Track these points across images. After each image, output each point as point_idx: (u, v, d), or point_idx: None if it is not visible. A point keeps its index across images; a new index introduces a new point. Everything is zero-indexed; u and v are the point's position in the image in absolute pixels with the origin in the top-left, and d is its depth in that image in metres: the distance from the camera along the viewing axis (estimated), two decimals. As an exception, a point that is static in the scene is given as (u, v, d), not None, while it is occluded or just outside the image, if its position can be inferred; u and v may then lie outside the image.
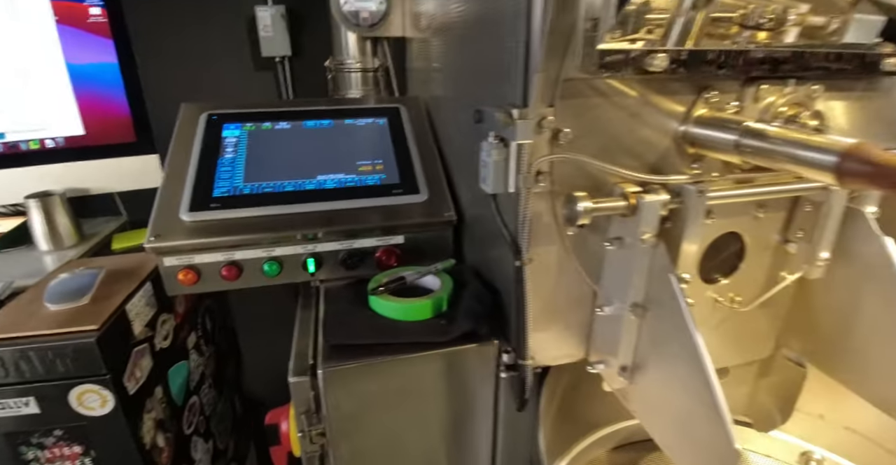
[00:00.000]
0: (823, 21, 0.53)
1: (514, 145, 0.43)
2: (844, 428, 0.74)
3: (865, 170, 0.32)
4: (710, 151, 0.46)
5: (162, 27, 1.61)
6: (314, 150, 0.74)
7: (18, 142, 0.78)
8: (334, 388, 0.52)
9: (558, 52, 0.41)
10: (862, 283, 0.54)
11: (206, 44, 1.73)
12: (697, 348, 0.42)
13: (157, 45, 1.56)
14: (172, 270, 0.63)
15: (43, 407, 0.57)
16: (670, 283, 0.44)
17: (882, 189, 0.32)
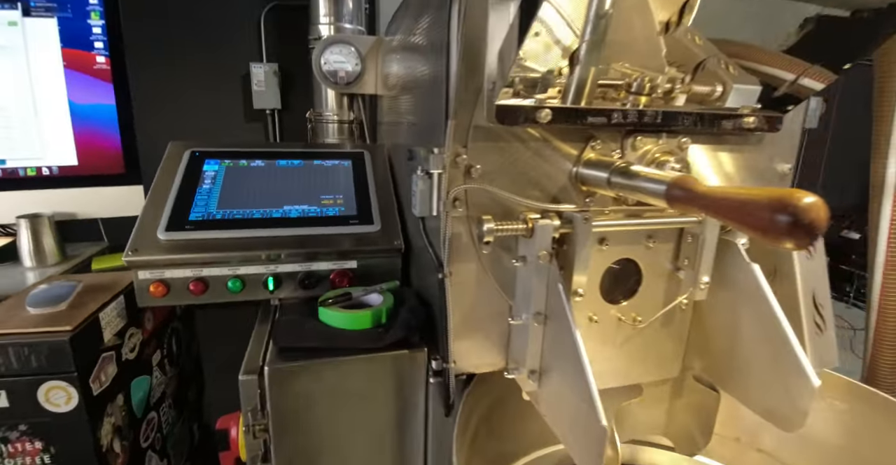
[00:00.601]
0: (708, 90, 0.67)
1: (436, 175, 0.54)
2: (757, 450, 0.81)
3: (683, 195, 0.43)
4: (593, 187, 0.57)
5: (163, 76, 1.76)
6: (283, 184, 0.84)
7: (17, 168, 0.88)
8: (278, 386, 0.59)
9: (470, 106, 0.53)
10: (739, 305, 0.64)
11: (203, 94, 1.89)
12: (578, 348, 0.50)
13: (157, 92, 1.70)
14: (145, 283, 0.71)
15: (12, 401, 0.62)
16: (560, 295, 0.53)
17: (698, 211, 0.42)
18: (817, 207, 0.33)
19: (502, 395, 0.74)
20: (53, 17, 0.83)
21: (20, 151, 0.87)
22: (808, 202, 0.33)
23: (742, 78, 0.67)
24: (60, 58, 0.85)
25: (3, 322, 0.63)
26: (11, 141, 0.86)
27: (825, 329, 0.66)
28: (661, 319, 0.68)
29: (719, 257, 0.64)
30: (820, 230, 0.33)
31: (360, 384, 0.61)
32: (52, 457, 0.66)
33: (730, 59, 0.65)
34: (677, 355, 0.72)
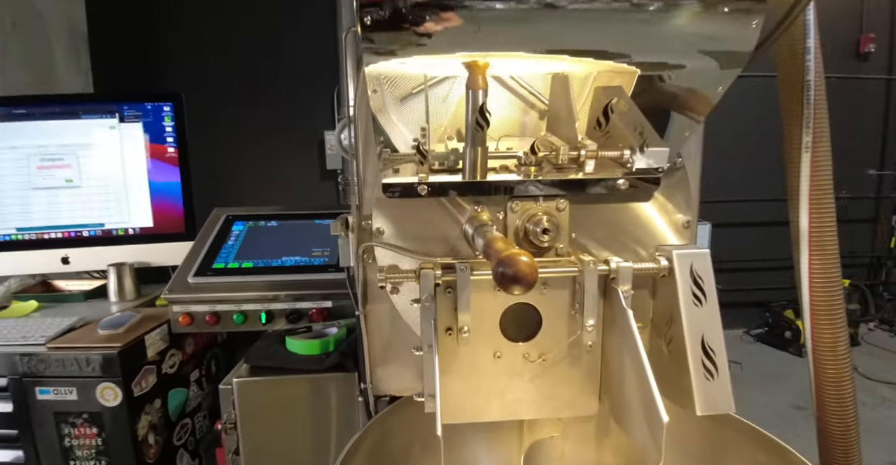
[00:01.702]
0: (617, 154, 0.77)
1: (351, 236, 0.71)
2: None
3: (502, 272, 0.54)
4: (470, 242, 0.71)
5: (253, 145, 2.21)
6: (286, 240, 1.07)
7: (111, 229, 1.21)
8: (243, 394, 0.78)
9: (372, 186, 0.71)
10: (622, 347, 0.71)
11: (285, 161, 2.33)
12: (434, 376, 0.63)
13: (243, 163, 2.13)
14: (177, 314, 0.96)
15: (79, 394, 0.88)
16: (433, 330, 0.67)
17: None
18: (516, 262, 0.45)
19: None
20: (140, 122, 1.17)
21: (114, 217, 1.20)
22: (509, 259, 0.45)
23: (652, 141, 0.76)
24: (144, 150, 1.18)
25: (79, 339, 0.91)
26: (109, 210, 1.20)
27: (717, 375, 0.70)
28: (569, 358, 0.77)
29: (608, 302, 0.72)
30: (520, 280, 0.45)
31: (304, 397, 0.78)
32: (103, 441, 0.90)
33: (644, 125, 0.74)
34: (591, 393, 0.79)
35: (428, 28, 0.53)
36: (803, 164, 0.71)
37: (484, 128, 0.61)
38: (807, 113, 0.70)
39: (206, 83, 2.74)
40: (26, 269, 1.22)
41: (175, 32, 2.81)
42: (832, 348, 0.74)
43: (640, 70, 0.60)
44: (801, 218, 0.74)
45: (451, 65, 0.60)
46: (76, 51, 2.74)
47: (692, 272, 0.72)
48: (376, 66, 0.55)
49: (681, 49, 0.56)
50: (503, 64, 0.63)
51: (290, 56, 2.79)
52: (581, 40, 0.57)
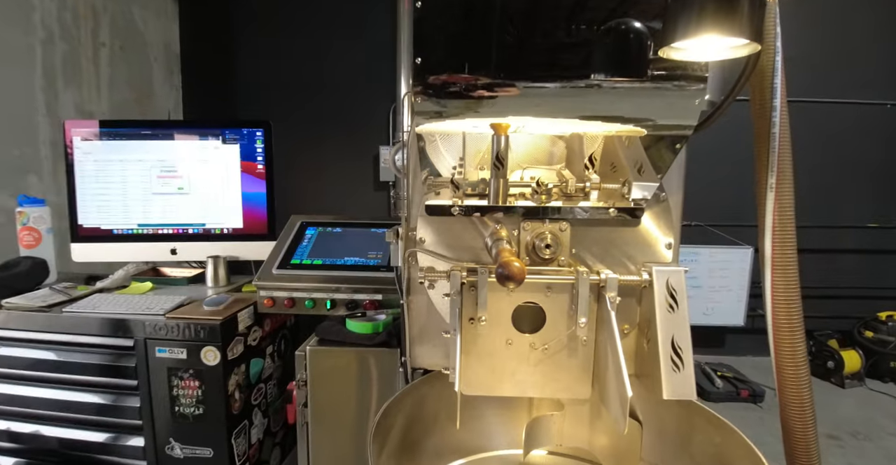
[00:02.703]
0: (617, 186, 0.95)
1: (399, 242, 0.94)
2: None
3: (500, 272, 0.74)
4: (489, 252, 0.91)
5: (313, 162, 2.51)
6: (348, 243, 1.31)
7: (211, 228, 1.50)
8: (313, 359, 1.01)
9: (418, 206, 0.93)
10: (606, 341, 0.89)
11: (343, 171, 2.63)
12: (457, 351, 0.83)
13: (309, 173, 2.43)
14: (262, 298, 1.21)
15: (188, 355, 1.15)
16: (459, 318, 0.87)
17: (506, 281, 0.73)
18: (509, 266, 0.65)
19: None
20: (237, 143, 1.46)
21: (213, 219, 1.50)
22: (505, 264, 0.66)
23: (647, 175, 0.93)
24: (239, 166, 1.47)
25: (189, 312, 1.18)
26: (210, 213, 1.49)
27: (683, 368, 0.86)
28: (567, 349, 0.95)
29: (600, 306, 0.90)
30: (512, 278, 0.65)
31: (358, 365, 1.01)
32: (202, 392, 1.16)
33: (644, 161, 0.92)
34: (585, 379, 0.96)
35: (479, 102, 0.74)
36: (768, 201, 0.87)
37: (501, 168, 0.82)
38: (772, 159, 0.85)
39: (278, 102, 3.10)
40: (142, 257, 1.53)
41: (253, 52, 3.19)
42: (791, 357, 0.89)
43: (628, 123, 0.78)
44: (766, 246, 0.89)
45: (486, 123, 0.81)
46: (170, 69, 3.16)
47: (667, 285, 0.90)
48: (426, 126, 0.77)
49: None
50: (532, 123, 0.81)
51: (351, 76, 3.10)
52: (612, 109, 0.75)
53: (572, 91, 0.71)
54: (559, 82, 0.73)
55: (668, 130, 0.73)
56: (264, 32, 3.15)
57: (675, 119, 0.71)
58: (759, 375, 3.06)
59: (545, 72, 0.71)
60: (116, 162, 1.48)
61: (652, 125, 0.74)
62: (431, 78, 0.69)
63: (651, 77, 0.70)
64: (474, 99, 0.72)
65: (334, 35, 3.12)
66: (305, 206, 2.97)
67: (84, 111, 2.51)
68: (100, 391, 1.23)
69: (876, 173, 3.24)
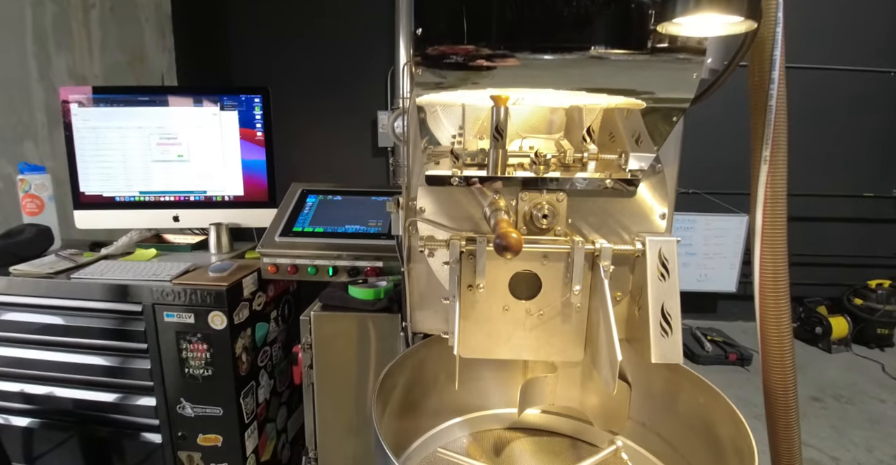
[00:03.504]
0: (615, 157, 0.96)
1: (400, 211, 0.96)
2: (655, 433, 1.05)
3: (498, 242, 0.76)
4: (487, 222, 0.93)
5: (310, 126, 2.49)
6: (349, 211, 1.33)
7: (212, 196, 1.52)
8: (317, 323, 1.05)
9: (418, 176, 0.94)
10: (598, 308, 0.92)
11: (341, 137, 2.60)
12: (455, 316, 0.87)
13: (306, 138, 2.42)
14: (266, 265, 1.24)
15: (195, 319, 1.19)
16: (457, 285, 0.90)
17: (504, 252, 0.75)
18: (507, 237, 0.68)
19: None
20: (235, 110, 1.46)
21: (214, 186, 1.51)
22: (503, 235, 0.68)
23: (644, 146, 0.94)
24: (238, 133, 1.47)
25: (195, 278, 1.21)
26: (211, 180, 1.50)
27: (671, 333, 0.90)
28: (561, 314, 0.98)
29: (594, 274, 0.93)
30: (509, 249, 0.67)
31: (361, 330, 1.05)
32: (210, 355, 1.21)
33: (642, 132, 0.93)
34: (578, 343, 1.00)
35: (479, 73, 0.74)
36: (762, 174, 0.88)
37: (500, 139, 0.83)
38: (767, 132, 0.86)
39: (274, 64, 3.03)
40: (145, 224, 1.55)
41: (247, 11, 3.10)
42: (776, 323, 0.92)
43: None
44: (757, 218, 0.91)
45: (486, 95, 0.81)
46: (161, 30, 3.07)
47: (660, 255, 0.92)
48: (425, 97, 0.77)
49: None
50: (532, 95, 0.82)
51: (348, 39, 3.03)
52: (611, 81, 0.75)
53: (571, 63, 0.71)
54: (558, 54, 0.73)
55: (666, 102, 0.74)
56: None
57: (673, 92, 0.72)
58: (748, 339, 3.16)
59: (545, 43, 0.71)
60: (115, 129, 1.48)
61: (650, 98, 0.75)
62: (431, 49, 0.69)
63: (650, 49, 0.71)
64: (474, 70, 0.72)
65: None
66: (305, 171, 2.97)
67: (77, 75, 2.47)
68: (110, 354, 1.27)
69: (872, 142, 3.23)
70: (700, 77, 0.67)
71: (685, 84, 0.69)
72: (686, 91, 0.71)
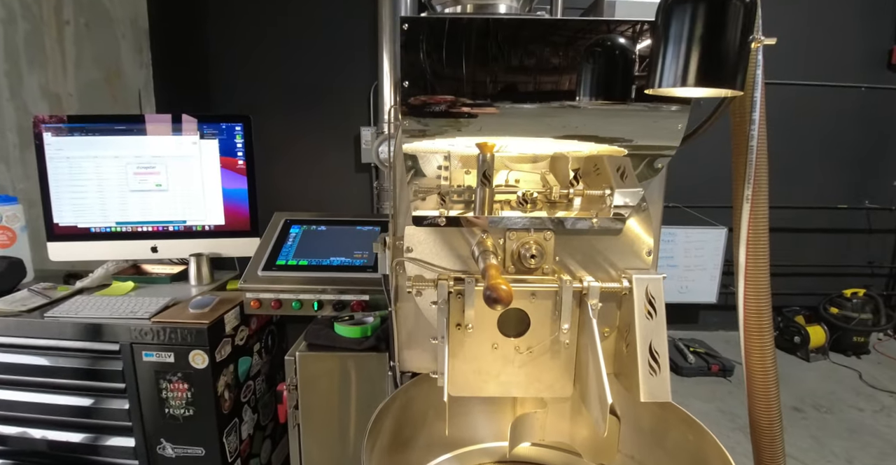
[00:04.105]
0: (600, 193, 0.96)
1: (387, 251, 0.94)
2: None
3: (488, 294, 0.75)
4: (476, 262, 0.93)
5: (292, 142, 2.46)
6: (333, 243, 1.31)
7: (192, 226, 1.48)
8: (302, 364, 1.03)
9: (404, 215, 0.93)
10: (587, 346, 0.92)
11: (323, 153, 2.58)
12: (444, 357, 0.86)
13: (288, 153, 2.39)
14: (248, 300, 1.22)
15: (176, 358, 1.15)
16: (446, 326, 0.89)
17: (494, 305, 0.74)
18: (497, 289, 0.67)
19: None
20: (216, 139, 1.43)
21: (194, 215, 1.48)
22: (493, 287, 0.67)
23: (629, 182, 0.95)
24: (218, 162, 1.44)
25: (175, 316, 1.18)
26: (191, 209, 1.47)
27: (659, 371, 0.90)
28: (550, 352, 0.98)
29: (582, 311, 0.93)
30: (499, 302, 0.67)
31: (347, 369, 1.03)
32: (191, 394, 1.18)
33: (626, 166, 0.93)
34: (567, 379, 1.00)
35: (463, 120, 0.74)
36: (744, 212, 0.90)
37: (486, 185, 0.83)
38: (748, 172, 0.88)
39: (254, 78, 3.00)
40: (123, 255, 1.51)
41: (226, 25, 3.06)
42: (760, 359, 0.93)
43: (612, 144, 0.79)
44: (741, 255, 0.92)
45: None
46: (138, 46, 3.01)
47: (647, 293, 0.93)
48: (412, 145, 0.76)
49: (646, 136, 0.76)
50: (515, 142, 0.82)
51: (330, 52, 3.01)
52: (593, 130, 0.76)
53: (552, 111, 0.71)
54: (539, 103, 0.73)
55: (650, 150, 0.74)
56: (237, 4, 3.02)
57: (658, 140, 0.73)
58: (730, 349, 3.20)
59: (526, 94, 0.71)
60: (90, 158, 1.44)
61: (633, 146, 0.76)
62: (416, 100, 0.69)
63: (633, 99, 0.71)
64: (457, 118, 0.72)
65: (312, 5, 3.00)
66: (286, 188, 2.93)
67: (50, 93, 2.41)
68: (87, 394, 1.23)
69: (846, 155, 3.33)
70: (684, 128, 0.68)
71: (670, 133, 0.70)
72: (671, 139, 0.71)
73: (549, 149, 0.83)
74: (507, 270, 0.96)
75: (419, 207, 0.90)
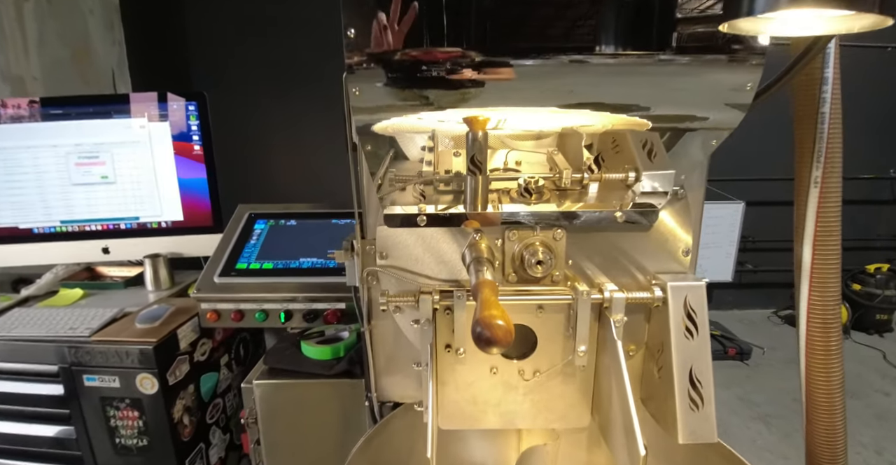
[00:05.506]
0: (621, 176, 0.77)
1: (356, 258, 0.75)
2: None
3: (479, 333, 0.56)
4: (467, 270, 0.74)
5: (280, 121, 2.23)
6: (304, 240, 1.12)
7: (146, 222, 1.29)
8: (262, 393, 0.85)
9: (375, 212, 0.74)
10: (610, 371, 0.74)
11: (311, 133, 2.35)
12: (429, 390, 0.68)
13: (276, 137, 2.16)
14: (205, 311, 1.04)
15: (121, 382, 0.98)
16: (431, 351, 0.71)
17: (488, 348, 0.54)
18: (492, 328, 0.48)
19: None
20: (166, 121, 1.22)
21: (147, 210, 1.28)
22: (488, 325, 0.48)
23: (659, 164, 0.75)
24: (171, 148, 1.24)
25: (119, 332, 1.00)
26: (142, 203, 1.28)
27: (702, 406, 0.72)
28: (563, 374, 0.81)
29: (602, 325, 0.75)
30: (495, 344, 0.48)
31: (316, 399, 0.86)
32: (143, 422, 1.01)
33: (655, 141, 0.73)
34: (584, 407, 0.83)
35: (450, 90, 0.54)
36: (811, 199, 0.70)
37: (478, 172, 0.63)
38: (818, 147, 0.67)
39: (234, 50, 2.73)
40: (71, 258, 1.33)
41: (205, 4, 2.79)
42: (826, 384, 0.75)
43: (652, 122, 0.58)
44: (805, 254, 0.73)
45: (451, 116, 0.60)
46: (109, 22, 2.76)
47: (686, 305, 0.73)
48: (377, 125, 0.56)
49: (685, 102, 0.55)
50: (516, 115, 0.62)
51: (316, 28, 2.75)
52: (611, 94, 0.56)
53: (559, 70, 0.51)
54: (551, 57, 0.53)
55: (700, 122, 0.54)
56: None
57: (715, 109, 0.52)
58: (745, 330, 3.05)
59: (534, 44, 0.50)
60: (25, 149, 1.24)
61: (675, 118, 0.55)
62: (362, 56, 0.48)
63: (677, 48, 0.51)
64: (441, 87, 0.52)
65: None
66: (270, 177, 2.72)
67: (12, 77, 2.18)
68: (30, 421, 1.07)
69: (870, 123, 3.08)
70: (755, 88, 0.48)
71: (735, 96, 0.49)
72: (735, 108, 0.51)
73: (557, 123, 0.62)
74: (507, 278, 0.77)
75: (394, 201, 0.71)
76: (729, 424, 2.11)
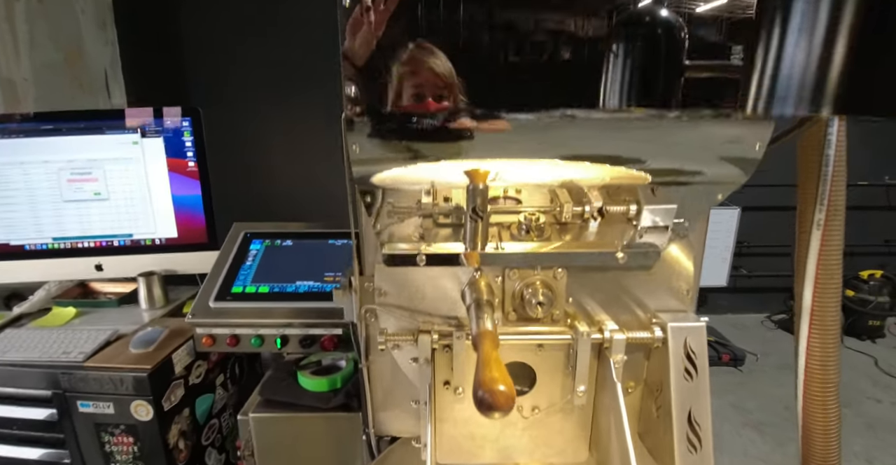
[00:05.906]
0: (623, 209, 0.75)
1: (353, 295, 0.74)
2: None
3: (481, 397, 0.50)
4: (467, 309, 0.73)
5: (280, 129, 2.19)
6: (301, 262, 1.11)
7: (140, 239, 1.28)
8: (257, 426, 0.85)
9: (373, 249, 0.73)
10: (609, 411, 0.74)
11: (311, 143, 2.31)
12: (428, 430, 0.67)
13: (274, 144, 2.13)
14: (200, 336, 1.03)
15: (115, 410, 0.97)
16: (429, 390, 0.71)
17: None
18: (494, 394, 0.48)
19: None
20: (160, 137, 1.20)
21: (141, 228, 1.27)
22: (489, 390, 0.48)
23: (661, 198, 0.73)
24: (165, 164, 1.22)
25: (113, 357, 0.99)
26: (136, 221, 1.26)
27: (700, 448, 0.72)
28: (562, 410, 0.80)
29: (602, 364, 0.75)
30: (496, 409, 0.48)
31: (313, 432, 0.85)
32: (139, 448, 1.00)
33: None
34: (582, 442, 0.83)
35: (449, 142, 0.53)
36: (813, 241, 0.69)
37: (479, 220, 0.62)
38: (822, 189, 0.67)
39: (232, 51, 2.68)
40: (64, 275, 1.31)
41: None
42: (824, 436, 0.74)
43: (653, 176, 0.57)
44: (806, 294, 0.72)
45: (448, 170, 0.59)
46: (101, 22, 2.71)
47: (686, 346, 0.73)
48: (362, 171, 0.55)
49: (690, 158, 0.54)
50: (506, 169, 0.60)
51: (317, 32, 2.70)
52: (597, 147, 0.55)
53: (559, 124, 0.50)
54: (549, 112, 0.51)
55: (703, 178, 0.53)
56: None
57: (720, 165, 0.51)
58: (738, 334, 3.07)
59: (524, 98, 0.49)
60: (16, 165, 1.22)
61: (679, 172, 0.55)
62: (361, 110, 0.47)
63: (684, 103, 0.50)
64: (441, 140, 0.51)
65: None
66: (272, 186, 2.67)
67: (2, 78, 2.14)
68: (23, 445, 1.06)
69: (865, 129, 3.09)
70: (765, 146, 0.47)
71: (743, 151, 0.48)
72: (743, 164, 0.50)
73: (558, 176, 0.61)
74: (507, 316, 0.77)
75: (392, 234, 0.70)
76: (722, 431, 2.12)
